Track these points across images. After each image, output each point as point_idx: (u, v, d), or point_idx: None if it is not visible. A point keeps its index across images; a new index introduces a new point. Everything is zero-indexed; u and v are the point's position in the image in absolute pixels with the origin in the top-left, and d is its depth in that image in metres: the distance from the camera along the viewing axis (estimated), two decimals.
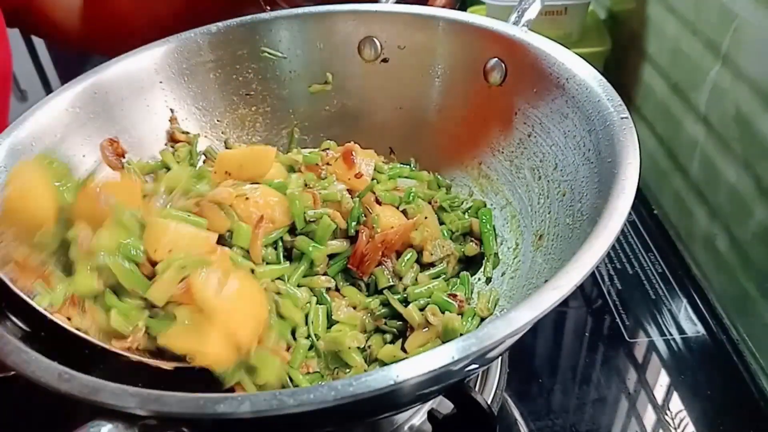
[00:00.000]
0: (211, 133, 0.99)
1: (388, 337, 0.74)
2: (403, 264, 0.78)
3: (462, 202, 0.90)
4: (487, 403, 0.60)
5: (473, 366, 0.62)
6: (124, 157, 0.89)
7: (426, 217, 0.82)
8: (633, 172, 0.61)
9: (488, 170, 0.89)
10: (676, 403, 0.87)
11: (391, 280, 0.76)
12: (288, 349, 0.68)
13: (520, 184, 0.85)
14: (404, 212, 0.82)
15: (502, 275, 0.80)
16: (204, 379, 0.58)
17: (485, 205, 0.88)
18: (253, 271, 0.69)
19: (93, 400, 0.47)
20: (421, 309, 0.72)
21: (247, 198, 0.73)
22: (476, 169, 0.91)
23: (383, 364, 0.69)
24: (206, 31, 0.95)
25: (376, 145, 0.93)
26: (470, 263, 0.84)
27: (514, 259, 0.79)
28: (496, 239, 0.84)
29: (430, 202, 0.87)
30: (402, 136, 0.98)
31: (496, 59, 0.88)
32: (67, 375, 0.49)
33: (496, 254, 0.82)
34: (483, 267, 0.82)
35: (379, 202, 0.81)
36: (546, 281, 0.53)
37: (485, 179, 0.89)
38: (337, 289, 0.77)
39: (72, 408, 0.50)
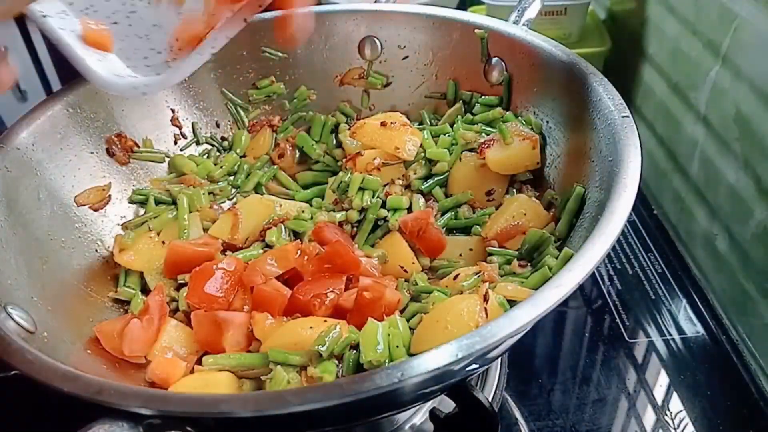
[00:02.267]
0: (212, 132, 0.99)
1: None
2: None
3: None
4: (489, 401, 0.61)
5: (474, 365, 0.62)
6: (132, 152, 0.90)
7: None
8: (634, 170, 0.61)
9: None
10: (675, 404, 0.87)
11: None
12: None
13: None
14: None
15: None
16: None
17: None
18: None
19: (97, 400, 0.47)
20: None
21: None
22: None
23: None
24: None
25: None
26: None
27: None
28: None
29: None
30: None
31: (496, 58, 0.89)
32: (71, 375, 0.49)
33: None
34: None
35: None
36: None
37: None
38: None
39: (73, 406, 0.50)
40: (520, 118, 0.85)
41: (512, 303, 0.64)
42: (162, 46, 0.72)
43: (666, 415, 0.85)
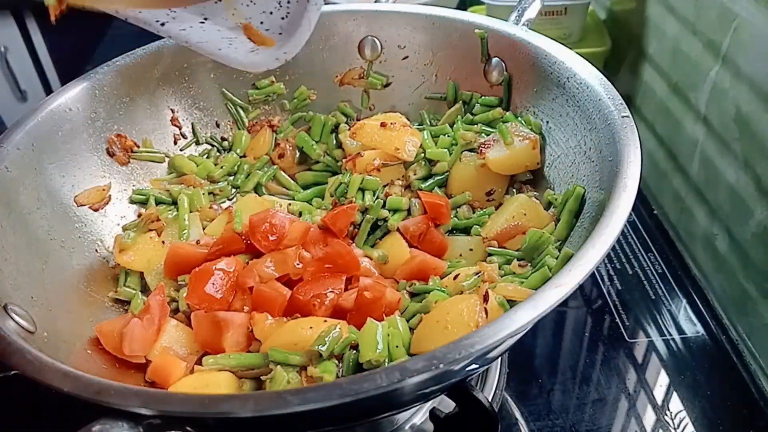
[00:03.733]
0: (212, 132, 0.99)
1: None
2: None
3: None
4: (489, 401, 0.60)
5: (474, 365, 0.62)
6: (132, 152, 0.90)
7: None
8: (635, 170, 0.61)
9: None
10: (675, 403, 0.87)
11: None
12: None
13: None
14: None
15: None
16: None
17: None
18: None
19: (97, 400, 0.47)
20: None
21: None
22: None
23: None
24: None
25: None
26: None
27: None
28: None
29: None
30: None
31: (496, 59, 0.89)
32: (71, 375, 0.49)
33: None
34: None
35: None
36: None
37: None
38: None
39: (73, 406, 0.50)
40: (519, 118, 0.85)
41: (512, 303, 0.64)
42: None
43: (666, 415, 0.85)
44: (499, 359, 0.88)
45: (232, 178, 0.96)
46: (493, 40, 0.88)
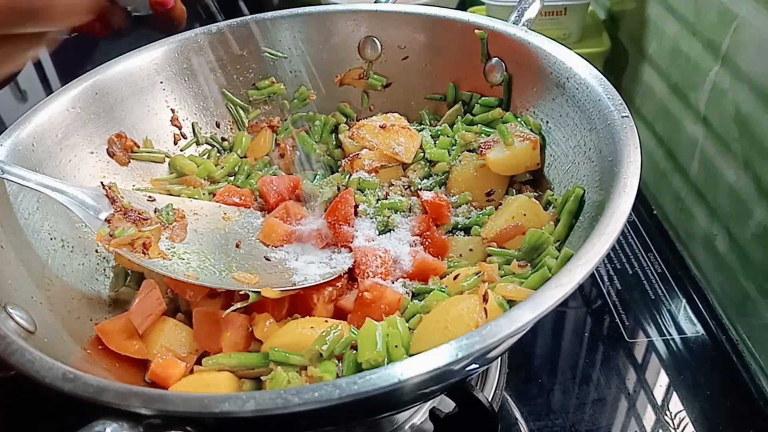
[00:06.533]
0: (212, 132, 0.99)
1: None
2: None
3: None
4: (488, 401, 0.61)
5: (474, 365, 0.62)
6: (132, 152, 0.90)
7: None
8: (634, 170, 0.61)
9: None
10: (675, 403, 0.87)
11: None
12: None
13: None
14: None
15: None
16: None
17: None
18: None
19: (97, 400, 0.47)
20: None
21: None
22: None
23: None
24: (207, 31, 0.95)
25: None
26: None
27: None
28: None
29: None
30: None
31: (496, 59, 0.88)
32: (71, 375, 0.49)
33: None
34: None
35: None
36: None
37: None
38: None
39: (73, 406, 0.50)
40: (519, 118, 0.85)
41: (512, 303, 0.64)
42: None
43: (666, 415, 0.85)
44: (499, 359, 0.88)
45: (232, 178, 0.96)
46: (493, 40, 0.88)
